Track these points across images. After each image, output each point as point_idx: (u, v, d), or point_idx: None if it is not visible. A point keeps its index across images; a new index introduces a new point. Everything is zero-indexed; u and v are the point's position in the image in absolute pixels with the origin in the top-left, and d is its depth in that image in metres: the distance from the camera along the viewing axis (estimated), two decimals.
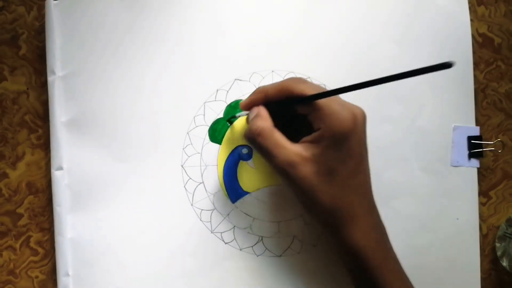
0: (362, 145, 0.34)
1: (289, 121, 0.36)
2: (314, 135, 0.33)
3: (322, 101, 0.33)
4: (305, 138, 0.34)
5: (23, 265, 0.42)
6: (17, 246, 0.42)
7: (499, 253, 0.42)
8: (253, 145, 0.35)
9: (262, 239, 0.41)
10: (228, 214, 0.41)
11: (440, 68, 0.25)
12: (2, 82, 0.42)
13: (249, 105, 0.36)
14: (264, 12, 0.42)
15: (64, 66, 0.41)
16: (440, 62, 0.24)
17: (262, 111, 0.35)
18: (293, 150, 0.33)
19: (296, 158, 0.33)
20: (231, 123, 0.41)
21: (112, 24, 0.41)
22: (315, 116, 0.33)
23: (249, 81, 0.41)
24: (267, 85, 0.36)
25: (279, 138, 0.34)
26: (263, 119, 0.34)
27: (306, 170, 0.33)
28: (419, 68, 0.26)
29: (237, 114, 0.39)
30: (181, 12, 0.41)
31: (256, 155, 0.41)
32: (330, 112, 0.32)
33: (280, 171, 0.34)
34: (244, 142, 0.41)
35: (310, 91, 0.33)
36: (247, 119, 0.37)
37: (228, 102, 0.41)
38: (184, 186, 0.41)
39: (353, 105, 0.34)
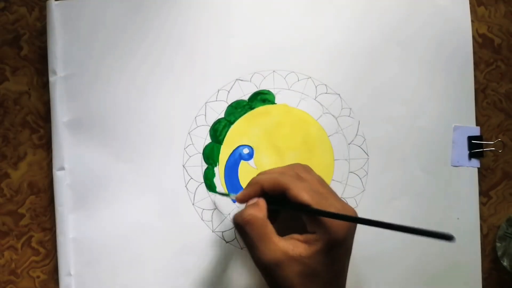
0: (349, 250, 0.34)
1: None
2: (307, 236, 0.32)
3: (320, 204, 0.32)
4: (295, 235, 0.32)
5: (24, 265, 0.42)
6: (19, 246, 0.42)
7: (499, 253, 0.42)
8: (239, 230, 0.34)
9: None
10: (229, 214, 0.41)
11: (441, 238, 0.25)
12: (4, 83, 0.42)
13: (245, 199, 0.35)
14: (266, 12, 0.42)
15: (66, 67, 0.41)
16: (443, 235, 0.25)
17: (260, 202, 0.34)
18: (280, 247, 0.31)
19: (282, 257, 0.31)
20: (222, 194, 0.41)
21: (113, 24, 0.41)
22: (310, 220, 0.32)
23: (250, 81, 0.41)
24: (263, 177, 0.34)
25: (268, 231, 0.32)
26: (259, 209, 0.33)
27: (290, 270, 0.31)
28: (421, 229, 0.26)
29: (231, 196, 0.39)
30: (182, 12, 0.41)
31: (257, 155, 0.41)
32: (327, 219, 0.31)
33: (263, 267, 0.32)
34: (245, 142, 0.41)
35: (306, 193, 0.32)
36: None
37: (229, 102, 0.41)
38: (186, 186, 0.41)
39: (346, 207, 0.33)
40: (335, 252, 0.32)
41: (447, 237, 0.25)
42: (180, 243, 0.41)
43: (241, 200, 0.35)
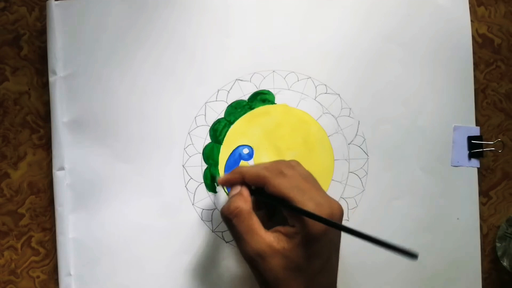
0: (332, 245, 0.34)
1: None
2: (288, 229, 0.33)
3: (298, 200, 0.32)
4: (279, 228, 0.33)
5: (24, 265, 0.42)
6: (19, 246, 0.42)
7: (499, 253, 0.42)
8: (227, 224, 0.34)
9: None
10: None
11: (405, 255, 0.26)
12: (4, 83, 0.42)
13: (227, 183, 0.36)
14: (265, 13, 0.42)
15: (66, 67, 0.41)
16: (405, 251, 0.27)
17: (244, 191, 0.35)
18: (265, 239, 0.32)
19: (267, 249, 0.32)
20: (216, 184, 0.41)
21: (113, 24, 0.41)
22: (289, 213, 0.33)
23: (250, 81, 0.41)
24: (246, 168, 0.35)
25: (255, 223, 0.33)
26: (244, 200, 0.34)
27: (274, 263, 0.32)
28: (388, 243, 0.28)
29: (217, 178, 0.40)
30: (183, 12, 0.41)
31: (257, 155, 0.41)
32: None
33: (248, 258, 0.33)
34: (245, 142, 0.41)
35: (285, 188, 0.33)
36: (229, 193, 0.36)
37: (229, 102, 0.41)
38: (185, 186, 0.41)
39: (330, 201, 0.33)
40: (315, 246, 0.32)
41: (411, 255, 0.26)
42: (180, 243, 0.41)
43: (221, 183, 0.36)
